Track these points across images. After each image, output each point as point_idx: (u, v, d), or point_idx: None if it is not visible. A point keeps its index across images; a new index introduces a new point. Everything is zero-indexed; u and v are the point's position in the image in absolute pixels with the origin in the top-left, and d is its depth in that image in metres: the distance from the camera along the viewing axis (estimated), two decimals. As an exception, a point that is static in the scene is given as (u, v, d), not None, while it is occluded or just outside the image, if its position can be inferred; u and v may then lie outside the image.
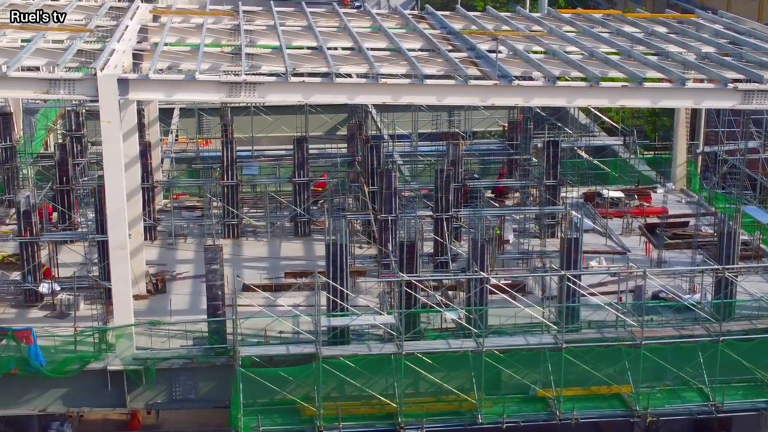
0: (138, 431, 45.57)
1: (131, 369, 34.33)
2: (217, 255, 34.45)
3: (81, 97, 33.41)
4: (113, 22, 41.14)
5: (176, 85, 33.32)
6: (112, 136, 32.96)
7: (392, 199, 39.20)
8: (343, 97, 34.09)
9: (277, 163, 48.15)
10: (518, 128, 48.21)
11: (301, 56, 37.27)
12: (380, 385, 34.33)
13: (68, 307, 37.57)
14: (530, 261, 41.07)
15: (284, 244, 44.02)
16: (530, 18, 46.49)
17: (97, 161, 48.33)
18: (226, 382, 34.68)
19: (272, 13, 43.89)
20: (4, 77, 32.46)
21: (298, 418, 34.20)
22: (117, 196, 33.44)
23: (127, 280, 34.16)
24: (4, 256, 40.67)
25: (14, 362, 33.83)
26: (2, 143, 46.46)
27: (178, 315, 36.58)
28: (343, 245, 34.11)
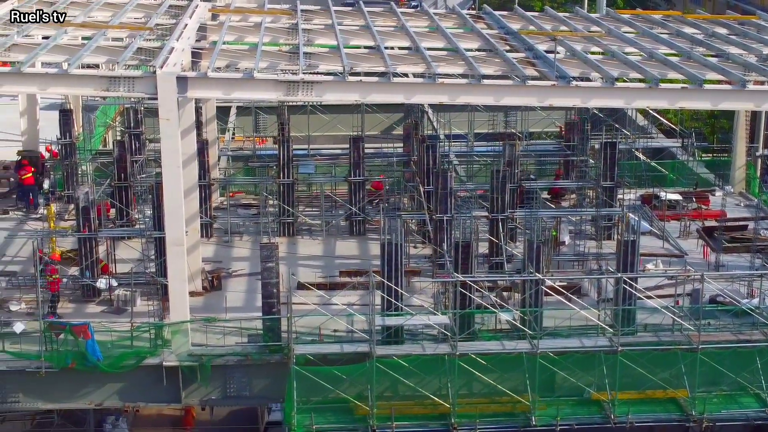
0: (192, 427, 45.96)
1: (186, 365, 34.54)
2: (273, 253, 34.59)
3: (140, 94, 33.73)
4: (173, 21, 41.46)
5: (234, 83, 33.49)
6: (170, 133, 33.20)
7: (448, 199, 39.16)
8: (399, 96, 34.08)
9: (333, 162, 48.23)
10: (575, 129, 47.90)
11: (358, 55, 37.29)
12: (433, 385, 34.27)
13: (125, 303, 37.91)
14: (586, 263, 40.79)
15: (339, 242, 44.09)
16: (589, 18, 46.19)
17: (155, 158, 48.81)
18: (280, 380, 34.81)
19: (330, 13, 43.98)
20: (66, 75, 32.83)
21: (350, 417, 34.24)
22: (174, 193, 33.68)
23: (184, 277, 34.40)
24: (62, 251, 41.06)
25: (72, 356, 34.16)
26: (63, 140, 47.13)
27: (233, 312, 36.76)
28: (398, 245, 34.09)
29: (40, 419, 40.26)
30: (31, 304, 37.73)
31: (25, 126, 47.81)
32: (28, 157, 47.26)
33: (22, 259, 41.83)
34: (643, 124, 58.03)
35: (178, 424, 46.24)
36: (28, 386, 34.84)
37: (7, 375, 34.63)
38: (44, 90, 33.48)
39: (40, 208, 46.56)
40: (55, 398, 35.26)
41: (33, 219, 46.13)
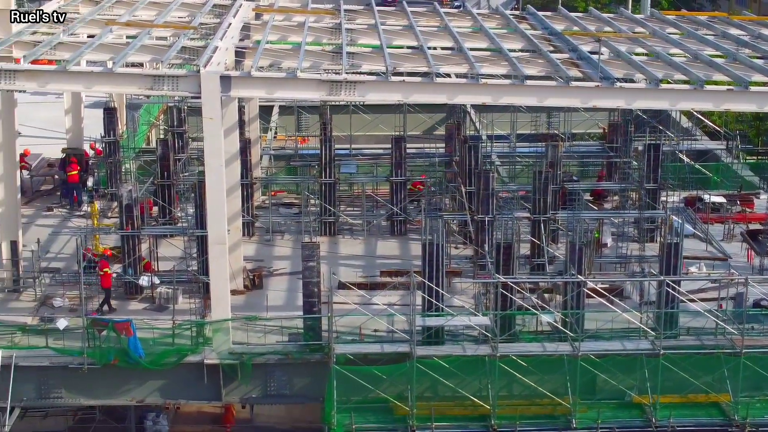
0: (232, 425, 46.04)
1: (227, 363, 34.67)
2: (314, 252, 34.64)
3: (184, 93, 33.89)
4: (216, 20, 41.64)
5: (277, 82, 33.55)
6: (213, 132, 33.33)
7: (489, 199, 39.07)
8: (442, 96, 34.01)
9: (375, 162, 48.22)
10: (618, 131, 47.61)
11: (401, 55, 37.24)
12: (473, 386, 34.20)
13: (167, 301, 38.11)
14: (629, 265, 40.52)
15: (380, 242, 44.08)
16: (633, 19, 45.92)
17: (198, 157, 49.05)
18: (320, 379, 34.85)
19: (373, 12, 43.99)
20: (110, 73, 33.06)
21: (390, 417, 34.23)
22: (217, 191, 33.81)
23: (225, 275, 34.52)
24: (104, 248, 41.34)
25: (114, 353, 34.41)
26: (107, 138, 47.47)
27: (274, 311, 36.83)
28: (439, 245, 34.03)
29: (82, 415, 40.50)
30: (74, 301, 38.06)
31: (70, 124, 48.15)
32: (73, 155, 47.60)
33: (66, 255, 42.13)
34: (687, 126, 57.57)
35: (218, 422, 46.28)
36: (71, 382, 35.12)
37: (50, 370, 34.92)
38: (89, 88, 33.68)
39: (83, 206, 46.90)
40: (97, 394, 35.51)
41: (77, 216, 46.46)
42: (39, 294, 38.35)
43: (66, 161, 47.83)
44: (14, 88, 32.94)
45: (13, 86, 32.94)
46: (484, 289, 36.44)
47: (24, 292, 38.68)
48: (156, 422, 43.96)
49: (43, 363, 34.72)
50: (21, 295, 38.58)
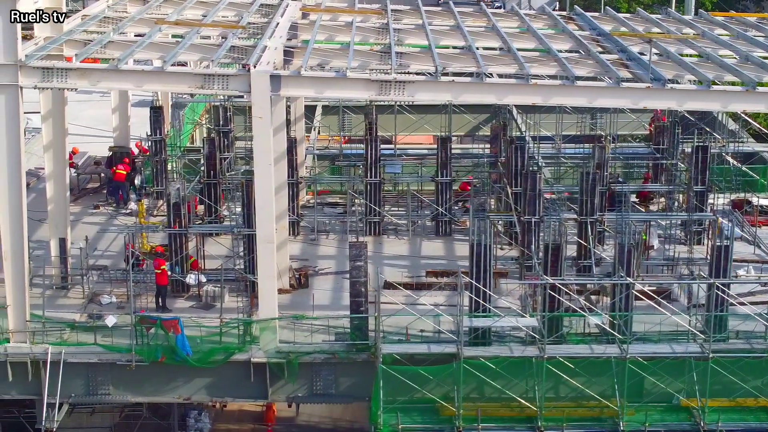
0: (273, 424, 46.18)
1: (274, 362, 34.76)
2: (362, 252, 34.66)
3: (234, 92, 34.01)
4: (264, 19, 41.76)
5: (327, 82, 33.59)
6: (262, 131, 33.42)
7: (536, 200, 38.92)
8: (492, 97, 33.93)
9: (420, 162, 48.16)
10: (665, 132, 47.31)
11: (450, 55, 37.16)
12: (519, 387, 34.09)
13: (213, 299, 38.26)
14: (676, 268, 40.25)
15: (425, 242, 44.02)
16: (681, 20, 45.61)
17: (243, 156, 49.26)
18: (366, 379, 34.89)
19: (420, 12, 43.96)
20: (161, 72, 33.22)
21: (436, 418, 34.17)
22: (266, 190, 33.89)
23: (273, 274, 34.61)
24: (151, 246, 41.55)
25: (162, 351, 34.61)
26: (153, 136, 47.69)
27: (320, 310, 36.86)
28: (487, 246, 33.94)
29: (128, 412, 40.75)
30: (122, 298, 38.29)
31: (117, 122, 48.40)
32: (125, 154, 47.91)
33: (113, 253, 42.37)
34: (733, 128, 57.05)
35: (260, 421, 46.46)
36: (119, 379, 35.35)
37: (98, 367, 35.18)
38: (140, 87, 33.85)
39: (130, 204, 47.15)
40: (144, 392, 35.71)
41: (123, 214, 46.72)
42: (87, 291, 38.55)
43: (113, 159, 48.10)
44: (66, 86, 33.14)
45: (65, 84, 33.17)
46: (531, 291, 36.32)
47: (72, 289, 38.91)
48: (198, 420, 44.28)
49: (92, 360, 34.98)
50: (69, 292, 38.79)
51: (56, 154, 38.20)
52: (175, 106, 54.83)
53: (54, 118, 38.00)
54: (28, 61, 32.96)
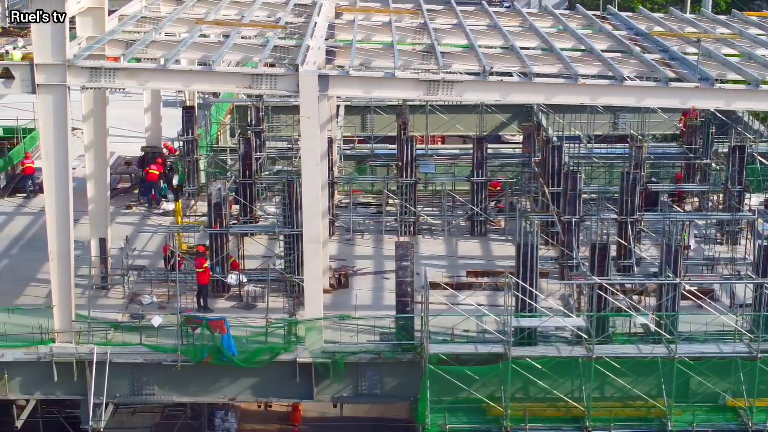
0: (299, 424, 46.08)
1: (320, 362, 34.71)
2: (408, 252, 34.61)
3: (281, 92, 33.92)
4: (300, 19, 41.71)
5: (375, 82, 33.54)
6: (310, 131, 33.38)
7: (576, 200, 38.91)
8: (540, 97, 33.94)
9: (453, 162, 48.12)
10: (697, 132, 47.28)
11: (493, 55, 37.05)
12: (565, 387, 34.07)
13: (255, 299, 38.22)
14: (715, 268, 40.22)
15: (460, 242, 43.96)
16: (716, 20, 45.59)
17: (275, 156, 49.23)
18: (412, 379, 34.86)
19: (455, 12, 43.93)
20: (210, 71, 33.15)
21: (483, 417, 34.13)
22: (313, 190, 33.86)
23: (319, 274, 34.61)
24: (188, 246, 41.50)
25: (207, 351, 34.54)
26: (185, 136, 47.69)
27: (361, 310, 36.75)
28: (533, 246, 33.90)
29: (168, 412, 40.69)
30: (162, 298, 38.26)
31: (149, 122, 48.34)
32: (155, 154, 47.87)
33: (149, 253, 42.33)
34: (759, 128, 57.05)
35: (286, 421, 46.35)
36: (164, 379, 35.30)
37: (143, 367, 35.11)
38: (188, 86, 33.88)
39: (162, 204, 47.13)
40: (189, 392, 35.66)
41: (156, 214, 46.69)
42: (127, 291, 38.50)
43: (145, 159, 48.06)
44: (114, 86, 33.09)
45: (113, 84, 33.12)
46: (573, 290, 36.30)
47: (111, 289, 38.86)
48: (225, 420, 44.12)
49: (137, 360, 34.90)
50: (109, 292, 38.74)
51: (97, 154, 38.14)
52: (200, 107, 54.79)
53: (95, 119, 37.97)
54: (76, 60, 32.85)
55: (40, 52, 32.72)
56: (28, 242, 43.93)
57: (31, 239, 44.22)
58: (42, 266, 40.98)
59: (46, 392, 35.49)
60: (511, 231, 44.45)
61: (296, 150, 50.65)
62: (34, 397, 35.68)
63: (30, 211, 47.39)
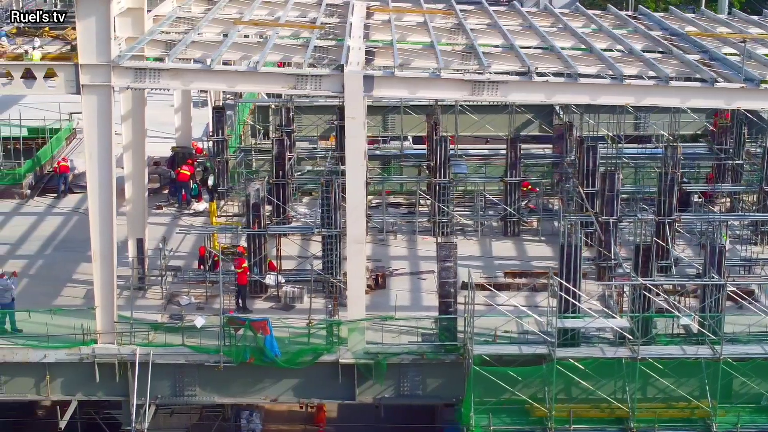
0: (324, 425, 45.99)
1: (362, 363, 34.65)
2: (452, 252, 34.55)
3: (326, 93, 33.86)
4: (334, 19, 41.61)
5: (420, 82, 33.46)
6: (355, 132, 33.31)
7: (614, 201, 38.89)
8: (585, 97, 33.82)
9: (485, 162, 48.06)
10: (728, 132, 47.25)
11: (533, 55, 36.90)
12: (607, 388, 34.01)
13: (293, 299, 38.16)
14: (752, 268, 40.17)
15: (494, 243, 43.89)
16: (748, 20, 45.50)
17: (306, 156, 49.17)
18: (454, 380, 34.84)
19: (488, 12, 43.85)
20: (254, 72, 33.08)
21: (526, 419, 34.07)
22: (357, 190, 33.77)
23: (362, 274, 34.55)
24: (224, 246, 41.43)
25: (250, 352, 34.48)
26: (215, 136, 47.64)
27: (399, 311, 36.61)
28: (577, 247, 33.83)
29: (206, 413, 40.58)
30: (200, 299, 38.20)
31: (179, 123, 48.25)
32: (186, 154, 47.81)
33: (183, 254, 42.24)
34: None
35: (310, 422, 46.24)
36: (206, 380, 35.28)
37: (185, 368, 35.06)
38: (233, 87, 33.77)
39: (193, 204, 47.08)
40: (231, 393, 35.62)
41: (186, 215, 46.62)
42: (164, 292, 38.44)
43: (175, 160, 48.00)
44: (159, 87, 33.04)
45: (157, 84, 33.08)
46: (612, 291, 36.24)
47: (149, 290, 38.79)
48: (250, 420, 43.98)
49: (179, 361, 34.84)
50: (146, 293, 38.67)
51: (135, 154, 38.12)
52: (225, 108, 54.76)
53: (134, 119, 37.93)
54: (120, 61, 32.78)
55: (85, 52, 32.63)
56: (61, 243, 43.90)
57: (63, 240, 44.21)
58: (77, 267, 41.13)
59: (87, 393, 35.46)
60: (544, 231, 44.49)
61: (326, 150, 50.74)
62: (76, 398, 35.55)
63: (61, 211, 47.36)
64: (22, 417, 41.90)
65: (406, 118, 52.61)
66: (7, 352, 34.57)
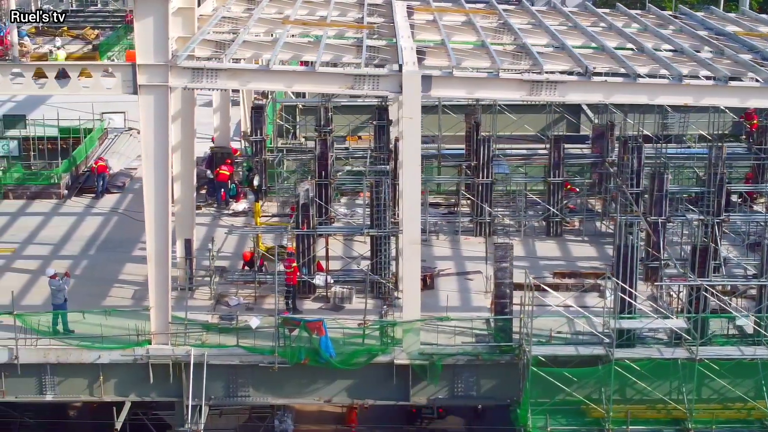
0: (356, 425, 45.92)
1: (417, 364, 34.54)
2: (508, 253, 34.44)
3: (383, 93, 33.75)
4: (378, 19, 41.47)
5: (478, 82, 33.35)
6: (412, 132, 33.19)
7: (663, 201, 38.80)
8: (643, 97, 33.63)
9: (525, 162, 47.93)
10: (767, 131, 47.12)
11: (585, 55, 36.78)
12: (663, 388, 33.91)
13: (342, 300, 38.04)
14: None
15: (537, 243, 43.77)
16: (788, 19, 45.44)
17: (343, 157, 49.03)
18: (508, 381, 34.73)
19: (530, 11, 43.75)
20: (313, 72, 32.96)
21: (582, 419, 33.99)
22: (413, 190, 33.64)
23: (418, 275, 34.42)
24: (268, 247, 41.34)
25: (305, 352, 34.37)
26: (254, 136, 47.54)
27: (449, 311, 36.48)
28: (634, 247, 33.71)
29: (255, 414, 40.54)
30: (249, 299, 38.09)
31: (218, 122, 48.11)
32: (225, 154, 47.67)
33: (227, 254, 42.09)
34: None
35: (342, 422, 46.18)
36: (259, 381, 35.16)
37: (239, 369, 34.93)
38: (290, 87, 33.68)
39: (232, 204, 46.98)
40: (284, 393, 35.49)
41: (226, 215, 46.51)
42: (213, 292, 38.32)
43: (213, 160, 47.87)
44: (216, 87, 32.93)
45: (214, 85, 32.94)
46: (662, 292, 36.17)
47: (196, 291, 38.67)
48: (282, 421, 44.02)
49: (233, 362, 34.71)
50: (194, 293, 38.55)
51: (184, 155, 38.02)
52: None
53: (183, 119, 37.80)
54: (178, 61, 32.65)
55: (143, 52, 32.46)
56: (103, 243, 43.76)
57: (105, 240, 44.08)
58: (121, 267, 41.05)
59: (140, 394, 35.32)
60: (586, 232, 44.39)
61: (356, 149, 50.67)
62: (129, 398, 35.40)
63: (99, 212, 47.24)
64: (56, 419, 42.00)
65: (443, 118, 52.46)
66: (62, 353, 34.44)
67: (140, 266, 40.87)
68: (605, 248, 43.01)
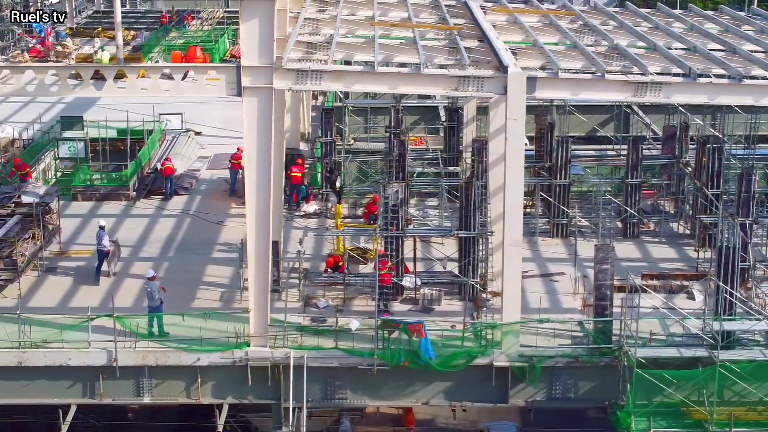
0: (413, 427, 45.77)
1: (517, 366, 34.45)
2: (609, 255, 34.35)
3: (487, 94, 33.62)
4: (462, 20, 41.37)
5: (584, 84, 33.27)
6: (517, 133, 33.08)
7: (750, 202, 38.73)
8: (748, 99, 33.53)
9: (598, 163, 47.84)
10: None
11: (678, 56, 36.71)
12: (761, 390, 33.82)
13: (431, 302, 37.93)
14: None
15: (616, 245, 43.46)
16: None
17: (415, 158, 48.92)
18: (606, 382, 34.64)
19: (607, 13, 43.69)
20: (417, 74, 32.83)
21: (683, 421, 33.89)
22: (516, 192, 33.50)
23: (519, 277, 34.32)
24: (347, 248, 41.22)
25: (405, 355, 34.26)
26: (324, 137, 47.45)
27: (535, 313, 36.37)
28: (736, 248, 33.64)
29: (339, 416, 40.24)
30: (337, 301, 37.97)
31: (289, 123, 47.93)
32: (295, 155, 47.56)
33: (307, 256, 41.89)
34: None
35: (399, 423, 46.02)
36: (357, 383, 35.06)
37: (337, 371, 34.83)
38: (395, 88, 33.45)
39: (303, 206, 46.86)
40: (382, 396, 35.43)
41: (297, 216, 46.36)
42: (301, 294, 38.20)
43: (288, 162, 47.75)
44: (320, 89, 32.79)
45: (318, 86, 32.85)
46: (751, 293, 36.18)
47: (283, 292, 38.53)
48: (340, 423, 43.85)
49: (332, 364, 34.60)
50: (281, 295, 38.41)
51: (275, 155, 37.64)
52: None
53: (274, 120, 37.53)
54: (283, 63, 32.52)
55: (248, 54, 32.34)
56: (181, 245, 43.62)
57: (182, 242, 43.93)
58: (204, 269, 40.95)
59: (238, 396, 35.20)
60: (665, 233, 44.29)
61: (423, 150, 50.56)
62: (226, 401, 35.21)
63: (171, 213, 47.07)
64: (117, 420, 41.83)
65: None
66: (160, 356, 34.32)
67: (222, 268, 41.00)
68: (684, 249, 42.94)
